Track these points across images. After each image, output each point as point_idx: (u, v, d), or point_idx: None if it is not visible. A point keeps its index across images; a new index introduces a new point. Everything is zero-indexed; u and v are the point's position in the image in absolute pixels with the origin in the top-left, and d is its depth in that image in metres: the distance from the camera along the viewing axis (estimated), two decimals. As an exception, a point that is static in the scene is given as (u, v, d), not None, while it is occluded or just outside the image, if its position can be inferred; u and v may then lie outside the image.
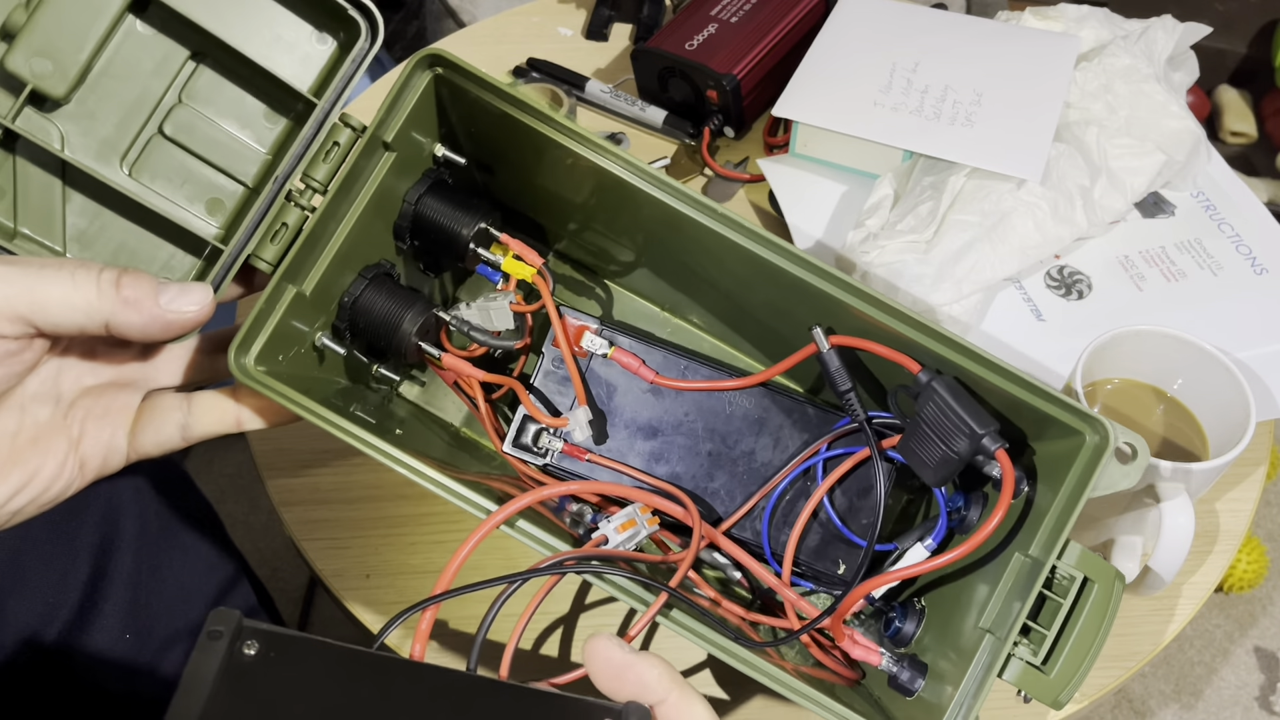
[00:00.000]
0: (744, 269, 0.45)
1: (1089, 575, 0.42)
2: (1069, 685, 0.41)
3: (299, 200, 0.43)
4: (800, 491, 0.51)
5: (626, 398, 0.51)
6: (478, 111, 0.46)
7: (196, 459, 1.35)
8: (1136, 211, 0.73)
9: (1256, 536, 1.28)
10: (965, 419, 0.41)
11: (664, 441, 0.51)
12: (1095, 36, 0.76)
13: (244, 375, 0.41)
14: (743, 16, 0.83)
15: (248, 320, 0.41)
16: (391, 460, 0.41)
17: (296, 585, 1.23)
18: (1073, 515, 0.41)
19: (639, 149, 0.84)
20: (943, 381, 0.43)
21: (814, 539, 0.51)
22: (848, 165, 0.78)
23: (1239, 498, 0.65)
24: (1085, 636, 0.41)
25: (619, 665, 0.32)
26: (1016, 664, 0.42)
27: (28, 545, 0.50)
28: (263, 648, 0.29)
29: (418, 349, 0.46)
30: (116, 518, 0.56)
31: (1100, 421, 0.41)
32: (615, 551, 0.44)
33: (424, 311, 0.46)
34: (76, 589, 0.54)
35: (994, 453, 0.42)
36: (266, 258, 0.43)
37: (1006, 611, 0.42)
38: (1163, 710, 1.20)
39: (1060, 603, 0.41)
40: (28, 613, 0.51)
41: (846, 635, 0.45)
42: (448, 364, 0.48)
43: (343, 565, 0.61)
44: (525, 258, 0.47)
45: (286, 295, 0.42)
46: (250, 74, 0.44)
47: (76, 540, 0.54)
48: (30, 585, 0.51)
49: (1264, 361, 0.64)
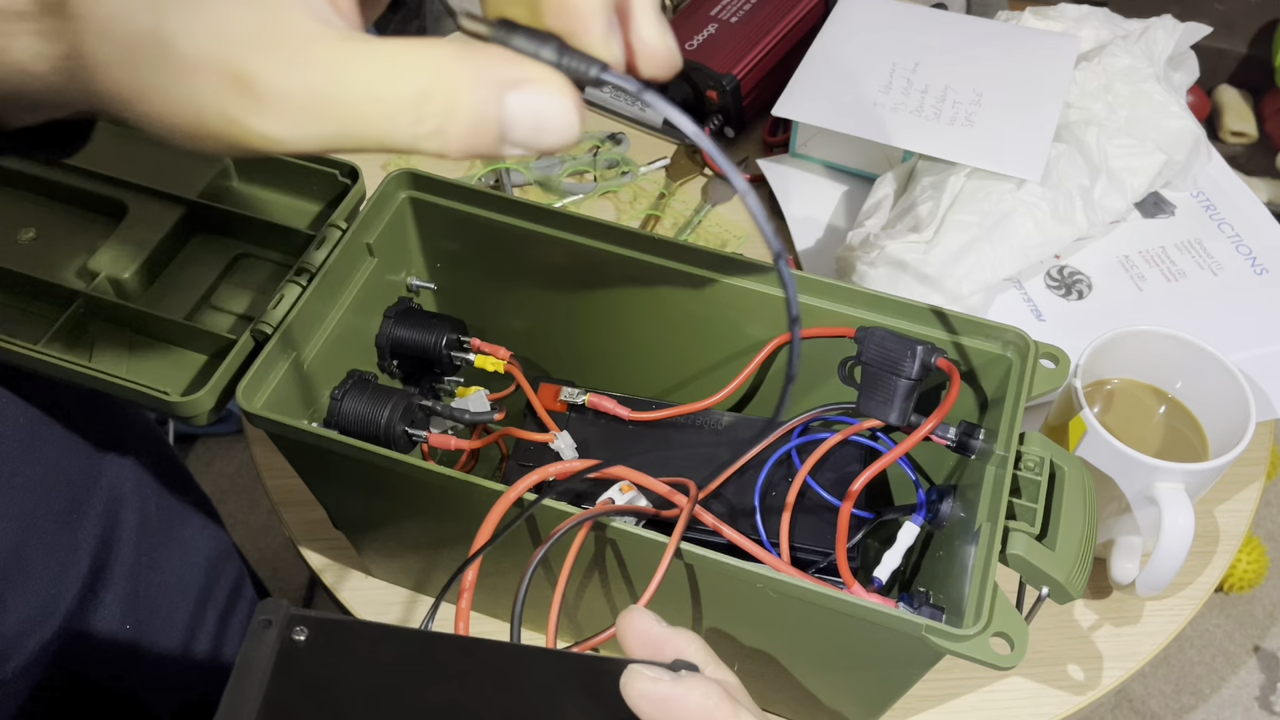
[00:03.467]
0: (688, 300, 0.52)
1: (1057, 460, 0.45)
2: (1076, 566, 0.42)
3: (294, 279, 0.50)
4: (783, 482, 0.53)
5: (604, 451, 0.54)
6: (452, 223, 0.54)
7: (196, 459, 1.35)
8: (1136, 211, 0.73)
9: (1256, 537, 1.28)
10: (905, 341, 0.49)
11: (644, 462, 0.53)
12: (1095, 36, 0.76)
13: (254, 409, 0.45)
14: (743, 16, 0.83)
15: (254, 367, 0.45)
16: (422, 473, 0.44)
17: (297, 585, 1.23)
18: (1018, 414, 0.45)
19: (639, 149, 0.84)
20: (876, 329, 0.50)
21: (804, 523, 0.52)
22: (848, 165, 0.78)
23: (1239, 498, 0.65)
24: (1074, 513, 0.44)
25: (656, 639, 0.32)
26: (1019, 538, 0.42)
27: (30, 537, 0.51)
28: (312, 633, 0.30)
29: (405, 435, 0.51)
30: (117, 510, 0.57)
31: (1015, 331, 0.48)
32: (630, 507, 0.47)
33: (403, 399, 0.51)
34: (77, 580, 0.54)
35: (935, 362, 0.48)
36: (270, 322, 0.48)
37: (992, 502, 0.44)
38: (1163, 710, 1.20)
39: (1038, 479, 0.44)
40: (29, 604, 0.51)
41: (856, 585, 0.47)
42: (434, 443, 0.51)
43: (343, 565, 0.61)
44: (493, 354, 0.55)
45: (284, 361, 0.48)
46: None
47: (78, 533, 0.54)
48: (32, 577, 0.51)
49: (1264, 362, 0.64)
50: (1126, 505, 0.55)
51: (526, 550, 0.46)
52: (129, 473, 0.58)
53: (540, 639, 0.42)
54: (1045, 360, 0.48)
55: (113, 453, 0.57)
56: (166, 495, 0.62)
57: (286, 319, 0.48)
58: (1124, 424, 0.57)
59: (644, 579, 0.44)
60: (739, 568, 0.41)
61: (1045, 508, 0.44)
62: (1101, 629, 0.59)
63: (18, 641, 0.51)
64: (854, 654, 0.45)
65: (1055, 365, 0.48)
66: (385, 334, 0.55)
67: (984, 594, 0.40)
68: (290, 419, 0.45)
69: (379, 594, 0.60)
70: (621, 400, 0.55)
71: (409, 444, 0.51)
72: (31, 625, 0.51)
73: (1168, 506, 0.51)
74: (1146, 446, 0.54)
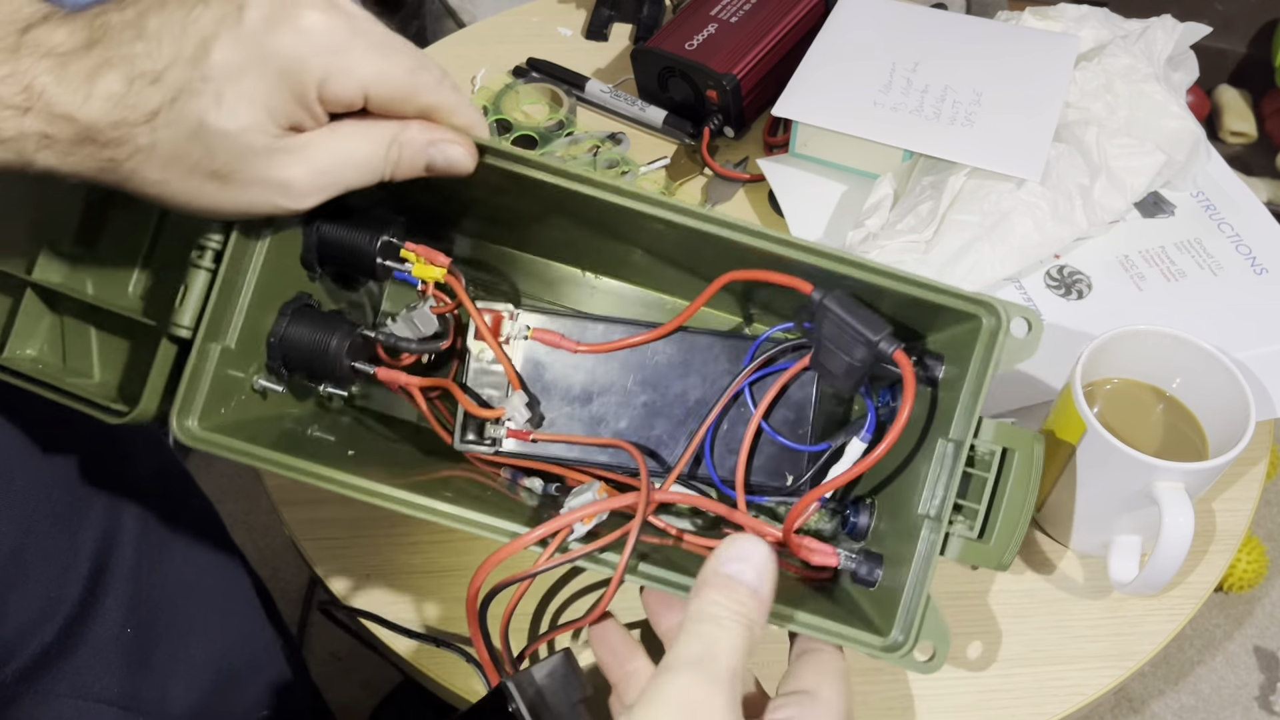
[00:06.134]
0: (644, 229, 0.47)
1: (1008, 446, 0.44)
2: (1008, 549, 0.44)
3: (198, 263, 0.44)
4: (737, 419, 0.53)
5: (557, 371, 0.53)
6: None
7: (197, 458, 1.35)
8: (1136, 211, 0.73)
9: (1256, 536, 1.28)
10: (859, 328, 0.44)
11: (601, 404, 0.53)
12: (1095, 36, 0.76)
13: (189, 438, 0.43)
14: (743, 16, 0.83)
15: (181, 386, 0.43)
16: (352, 490, 0.44)
17: (297, 585, 1.23)
18: (980, 395, 0.44)
19: (639, 149, 0.84)
20: (834, 298, 0.45)
21: (760, 459, 0.53)
22: (848, 165, 0.78)
23: (1238, 497, 0.65)
24: (1014, 502, 0.44)
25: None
26: (956, 542, 0.44)
27: (30, 540, 0.51)
28: None
29: (352, 370, 0.48)
30: (118, 513, 0.57)
31: (990, 303, 0.43)
32: (589, 547, 0.45)
33: (349, 334, 0.48)
34: (78, 583, 0.54)
35: (891, 355, 0.44)
36: (184, 324, 0.43)
37: (937, 495, 0.45)
38: (1162, 710, 1.20)
39: (985, 477, 0.44)
40: (29, 607, 0.51)
41: (801, 545, 0.47)
42: (383, 377, 0.49)
43: (343, 565, 0.61)
44: (433, 260, 0.48)
45: (213, 354, 0.44)
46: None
47: (79, 535, 0.54)
48: (32, 580, 0.51)
49: (1263, 361, 0.64)
50: (1126, 505, 0.55)
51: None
52: (129, 475, 0.58)
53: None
54: (1017, 325, 0.44)
55: (112, 455, 0.57)
56: (167, 497, 0.62)
57: (204, 315, 0.43)
58: (1124, 423, 0.57)
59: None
60: (681, 583, 0.44)
61: (989, 502, 0.44)
62: (1101, 629, 0.59)
63: (17, 644, 0.51)
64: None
65: (1028, 330, 0.44)
66: (311, 238, 0.48)
67: (915, 608, 0.43)
68: (229, 440, 0.43)
69: (379, 594, 0.60)
70: (559, 315, 0.53)
71: (355, 380, 0.49)
72: (31, 628, 0.51)
73: (1167, 506, 0.51)
74: (1146, 446, 0.54)
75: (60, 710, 0.54)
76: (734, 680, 0.34)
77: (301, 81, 0.36)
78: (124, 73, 0.34)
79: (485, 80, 0.89)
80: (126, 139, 0.35)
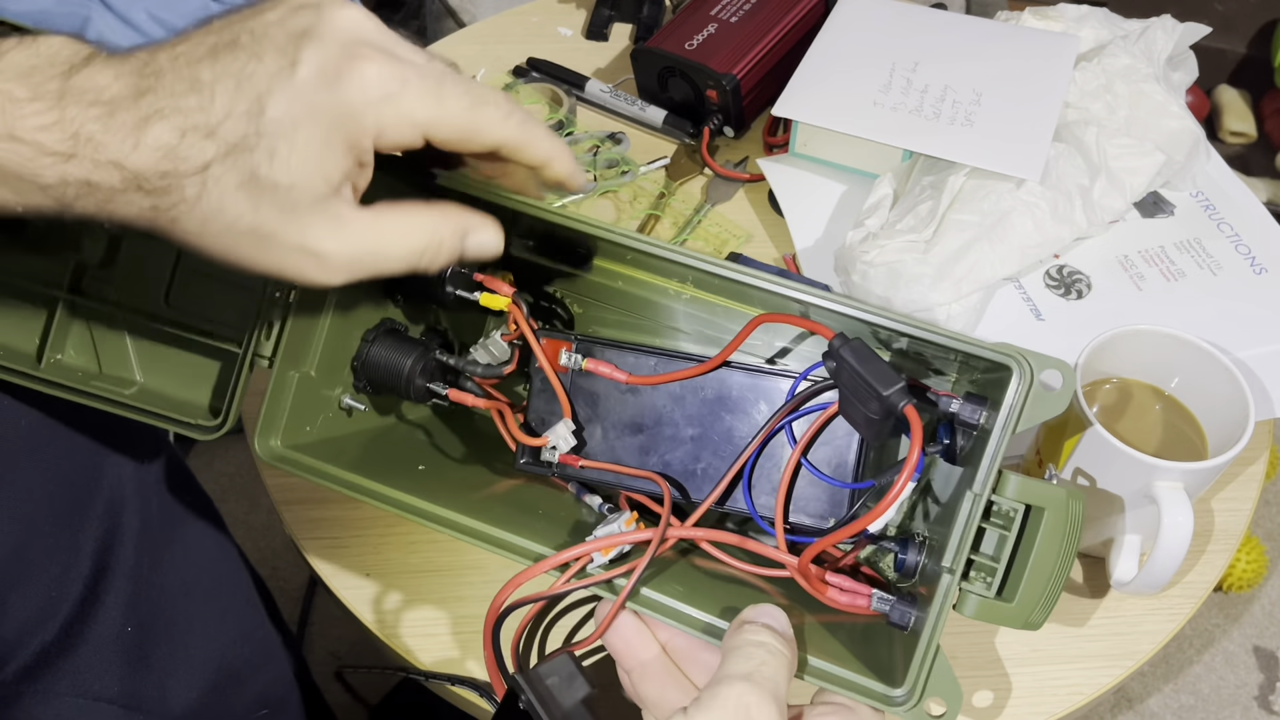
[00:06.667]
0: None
1: (1036, 504, 0.43)
2: (1036, 609, 0.42)
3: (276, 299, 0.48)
4: (781, 457, 0.53)
5: (610, 402, 0.55)
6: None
7: (197, 458, 1.35)
8: (1136, 211, 0.73)
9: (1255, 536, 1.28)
10: (870, 382, 0.43)
11: (650, 435, 0.54)
12: (1095, 36, 0.76)
13: (271, 458, 0.48)
14: (743, 16, 0.83)
15: (263, 409, 0.47)
16: (419, 515, 0.48)
17: (297, 585, 1.23)
18: (1000, 450, 0.42)
19: (639, 149, 0.84)
20: (850, 348, 0.44)
21: (802, 498, 0.52)
22: (848, 165, 0.78)
23: (1238, 497, 0.65)
24: (1044, 561, 0.42)
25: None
26: (973, 599, 0.43)
27: (31, 539, 0.51)
28: None
29: (426, 390, 0.52)
30: (119, 512, 0.57)
31: (1018, 356, 0.42)
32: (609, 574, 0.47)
33: (423, 357, 0.52)
34: (79, 582, 0.54)
35: (901, 410, 0.42)
36: (265, 354, 0.48)
37: (952, 548, 0.44)
38: (1162, 709, 1.20)
39: (1006, 534, 0.43)
40: (30, 606, 0.51)
41: (827, 583, 0.46)
42: (454, 398, 0.53)
43: (343, 565, 0.61)
44: (498, 290, 0.51)
45: (292, 381, 0.49)
46: None
47: (80, 534, 0.54)
48: (33, 579, 0.51)
49: (1263, 361, 0.64)
50: (1126, 505, 0.55)
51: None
52: (130, 474, 0.58)
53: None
54: (1050, 376, 0.43)
55: (114, 454, 0.57)
56: (168, 496, 0.62)
57: (281, 340, 0.47)
58: (1123, 423, 0.57)
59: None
60: (695, 618, 0.46)
61: (1010, 558, 0.43)
62: (1101, 628, 0.59)
63: (18, 643, 0.51)
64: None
65: (1059, 386, 0.42)
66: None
67: (924, 663, 0.43)
68: (308, 459, 0.47)
69: (380, 594, 0.60)
70: (616, 347, 0.54)
71: (429, 399, 0.53)
72: (32, 627, 0.51)
73: (1167, 505, 0.51)
74: (1146, 446, 0.54)
75: (61, 709, 0.54)
76: (781, 697, 0.40)
77: (356, 134, 0.36)
78: (176, 124, 0.34)
79: (485, 80, 0.89)
80: (174, 188, 0.35)
